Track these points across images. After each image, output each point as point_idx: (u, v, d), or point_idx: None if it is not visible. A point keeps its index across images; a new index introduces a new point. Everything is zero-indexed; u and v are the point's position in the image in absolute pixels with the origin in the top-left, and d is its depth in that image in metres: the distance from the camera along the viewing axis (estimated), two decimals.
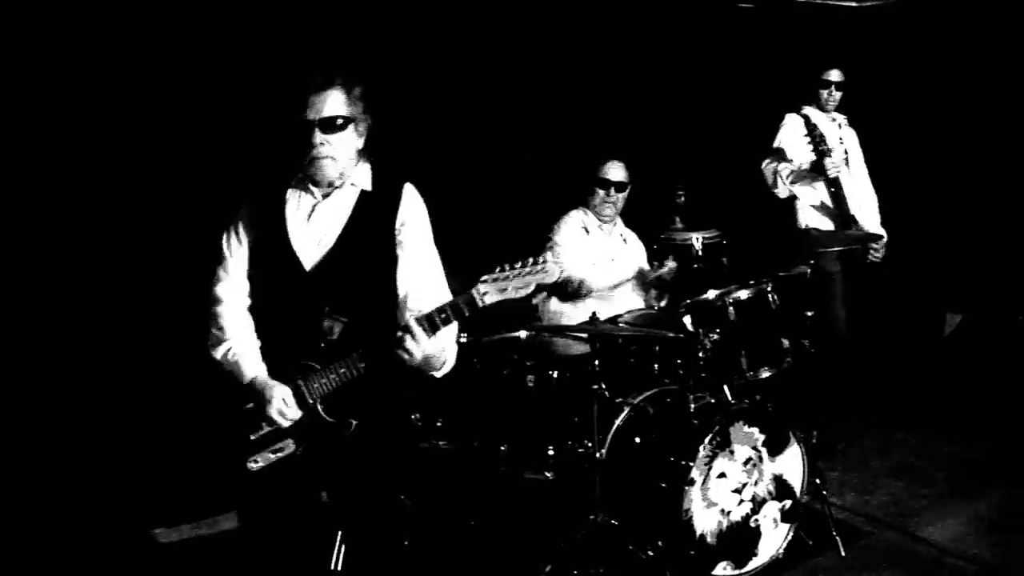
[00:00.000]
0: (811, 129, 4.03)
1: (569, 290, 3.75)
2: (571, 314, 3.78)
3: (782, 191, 4.16)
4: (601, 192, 3.88)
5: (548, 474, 3.23)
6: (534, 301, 3.85)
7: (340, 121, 2.21)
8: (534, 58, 4.41)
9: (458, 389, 3.38)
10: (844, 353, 4.12)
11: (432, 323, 2.12)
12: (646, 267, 3.99)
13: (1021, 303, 5.04)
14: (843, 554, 3.23)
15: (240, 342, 2.30)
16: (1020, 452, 4.14)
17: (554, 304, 3.84)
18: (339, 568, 2.44)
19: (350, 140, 2.25)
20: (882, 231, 4.24)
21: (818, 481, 3.34)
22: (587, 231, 3.93)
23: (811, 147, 4.03)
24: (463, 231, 3.70)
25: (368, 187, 2.32)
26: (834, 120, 4.27)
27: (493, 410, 3.34)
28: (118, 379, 3.52)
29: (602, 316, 3.31)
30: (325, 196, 2.31)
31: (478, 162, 4.32)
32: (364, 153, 2.33)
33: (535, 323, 3.82)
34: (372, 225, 2.29)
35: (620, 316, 3.56)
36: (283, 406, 2.21)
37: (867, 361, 4.65)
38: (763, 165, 4.22)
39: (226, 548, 3.31)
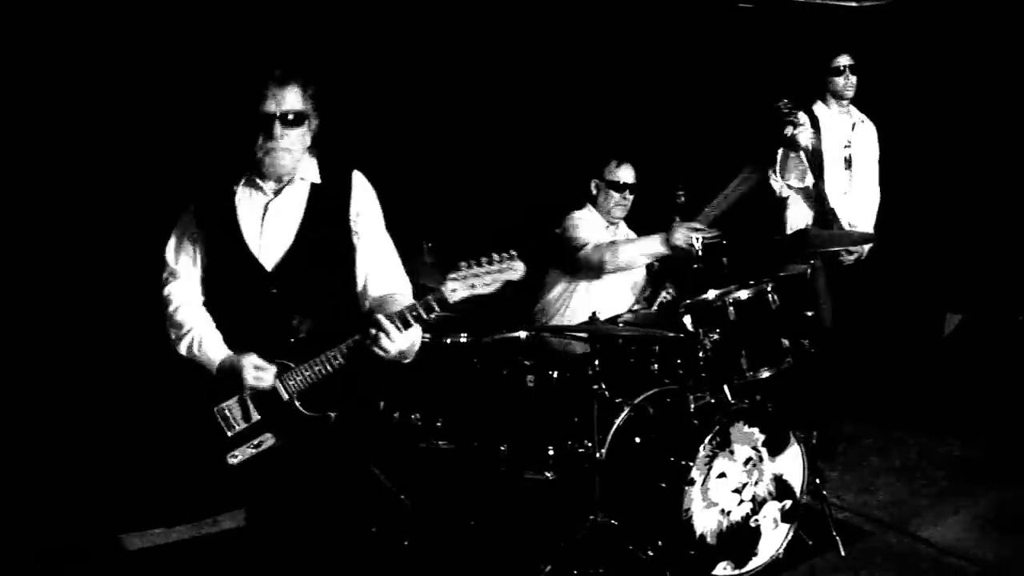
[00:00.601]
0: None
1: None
2: (572, 315, 3.78)
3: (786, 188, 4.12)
4: (616, 195, 3.88)
5: (548, 474, 3.23)
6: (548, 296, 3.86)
7: (298, 116, 2.25)
8: (534, 59, 4.41)
9: (458, 389, 3.38)
10: (832, 347, 4.09)
11: (404, 320, 2.18)
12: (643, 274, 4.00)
13: (1021, 303, 5.03)
14: (843, 554, 3.23)
15: (200, 331, 2.32)
16: (1020, 452, 4.14)
17: (557, 305, 3.84)
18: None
19: (304, 135, 2.30)
20: (871, 232, 4.23)
21: (818, 481, 3.34)
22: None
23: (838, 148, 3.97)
24: (464, 232, 3.73)
25: (317, 180, 2.36)
26: (849, 116, 4.18)
27: (493, 410, 3.34)
28: (103, 383, 3.54)
29: (602, 316, 3.32)
30: (276, 193, 2.33)
31: (478, 164, 4.33)
32: (312, 149, 2.37)
33: (535, 323, 3.82)
34: (328, 218, 2.33)
35: (620, 316, 3.56)
36: (257, 372, 2.24)
37: (867, 361, 4.64)
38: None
39: (223, 548, 3.32)
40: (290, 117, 2.23)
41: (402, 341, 2.20)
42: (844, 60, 4.13)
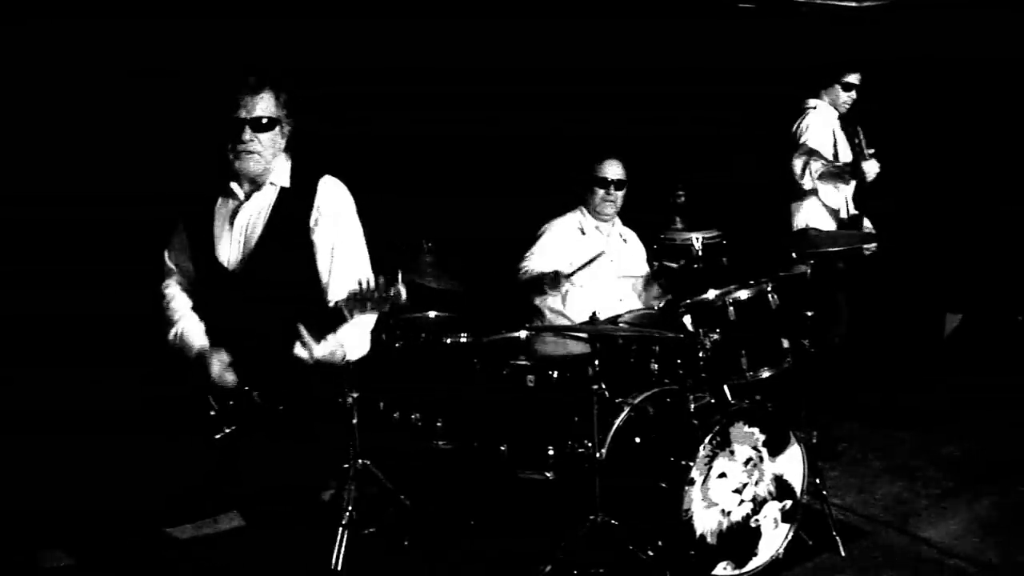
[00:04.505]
0: (849, 130, 4.02)
1: (545, 286, 3.70)
2: (572, 315, 3.78)
3: (806, 184, 4.13)
4: (601, 191, 3.87)
5: (548, 474, 3.23)
6: (536, 302, 3.85)
7: (268, 121, 2.38)
8: (536, 59, 4.41)
9: (458, 389, 3.38)
10: (843, 353, 4.11)
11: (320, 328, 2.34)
12: (644, 271, 3.99)
13: (1021, 303, 5.04)
14: (843, 554, 3.23)
15: (185, 321, 2.48)
16: (1020, 452, 4.14)
17: (555, 304, 3.83)
18: (339, 567, 2.46)
19: (275, 139, 2.42)
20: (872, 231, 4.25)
21: (818, 481, 3.34)
22: (583, 232, 3.92)
23: (848, 148, 4.04)
24: (464, 234, 3.73)
25: (286, 184, 2.46)
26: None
27: (493, 410, 3.34)
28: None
29: (602, 316, 3.31)
30: (248, 196, 2.44)
31: (477, 164, 4.33)
32: (287, 152, 2.49)
33: (535, 323, 3.82)
34: (289, 220, 2.43)
35: (620, 316, 3.56)
36: (222, 365, 2.37)
37: (867, 361, 4.64)
38: (795, 157, 4.15)
39: (222, 548, 3.31)
40: (262, 122, 2.37)
41: (318, 350, 2.33)
42: (854, 79, 4.18)
